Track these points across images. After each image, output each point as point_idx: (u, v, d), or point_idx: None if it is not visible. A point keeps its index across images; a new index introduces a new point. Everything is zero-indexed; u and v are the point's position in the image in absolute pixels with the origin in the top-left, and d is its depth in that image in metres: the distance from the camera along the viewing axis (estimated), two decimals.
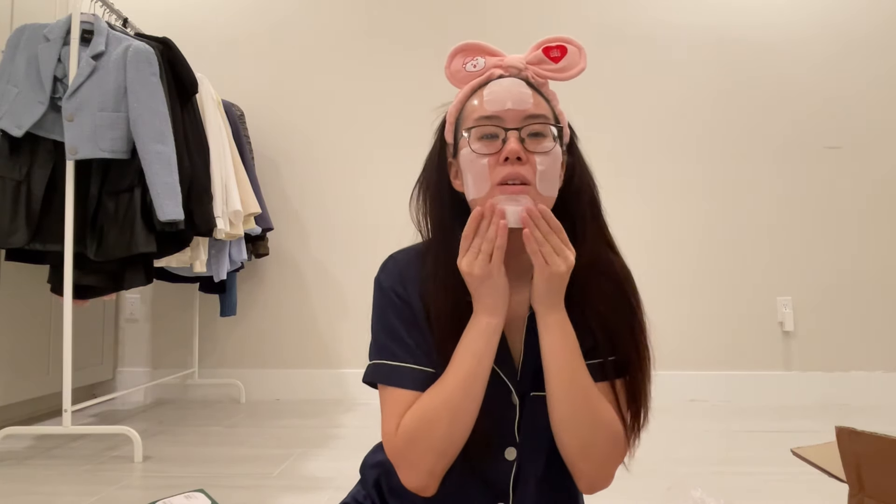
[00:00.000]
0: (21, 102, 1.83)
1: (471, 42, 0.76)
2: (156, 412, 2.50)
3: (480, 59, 0.76)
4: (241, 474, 1.67)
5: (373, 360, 0.76)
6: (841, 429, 0.70)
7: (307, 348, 2.77)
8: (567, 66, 0.75)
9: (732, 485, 1.52)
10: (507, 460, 0.75)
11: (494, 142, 0.70)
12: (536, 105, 0.72)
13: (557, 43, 0.75)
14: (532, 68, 0.75)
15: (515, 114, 0.71)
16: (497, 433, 0.74)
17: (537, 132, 0.71)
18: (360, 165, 2.79)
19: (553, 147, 0.71)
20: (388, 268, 0.79)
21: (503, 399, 0.75)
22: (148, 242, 1.86)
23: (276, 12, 2.91)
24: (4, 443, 1.84)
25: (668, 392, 2.56)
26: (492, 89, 0.73)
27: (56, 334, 2.21)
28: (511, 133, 0.70)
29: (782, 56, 2.72)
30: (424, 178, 0.81)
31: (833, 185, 2.66)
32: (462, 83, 0.77)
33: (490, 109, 0.71)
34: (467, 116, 0.74)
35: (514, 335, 0.76)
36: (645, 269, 2.88)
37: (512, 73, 0.75)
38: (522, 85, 0.73)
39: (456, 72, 0.77)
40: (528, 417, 0.75)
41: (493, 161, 0.70)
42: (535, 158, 0.70)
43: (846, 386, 2.53)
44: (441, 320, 0.73)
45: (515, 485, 0.75)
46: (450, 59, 0.77)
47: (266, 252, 2.70)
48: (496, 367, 0.73)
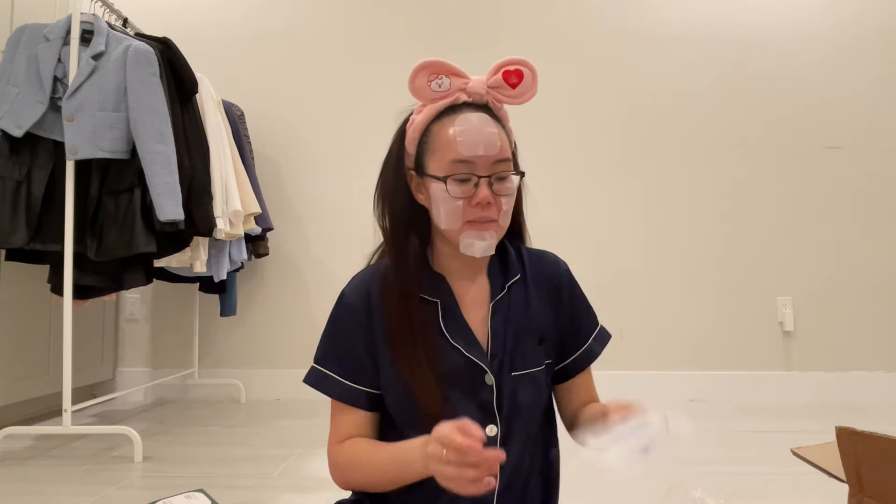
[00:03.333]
0: (21, 102, 1.83)
1: (434, 60, 0.80)
2: (156, 412, 2.50)
3: (445, 79, 0.80)
4: (241, 474, 1.67)
5: (313, 362, 0.86)
6: (841, 429, 0.70)
7: (307, 348, 2.73)
8: (521, 93, 0.83)
9: (732, 485, 1.52)
10: (488, 436, 0.78)
11: (467, 185, 0.78)
12: (502, 147, 0.79)
13: (515, 67, 0.82)
14: (492, 93, 0.82)
15: (485, 159, 0.78)
16: (474, 414, 0.77)
17: (503, 176, 0.79)
18: (360, 165, 2.78)
19: (514, 187, 0.81)
20: (353, 282, 0.87)
21: (478, 381, 0.81)
22: (148, 242, 1.86)
23: (277, 12, 2.91)
24: (4, 443, 1.84)
25: (668, 392, 2.56)
26: (463, 128, 0.78)
27: (56, 334, 2.20)
28: (483, 181, 0.77)
29: (783, 56, 2.72)
30: (382, 184, 0.86)
31: (833, 185, 2.66)
32: (426, 99, 0.82)
33: (464, 153, 0.77)
34: (439, 147, 0.79)
35: (478, 319, 0.83)
36: (645, 269, 2.89)
37: (475, 98, 0.81)
38: (489, 122, 0.79)
39: (421, 88, 0.81)
40: (509, 397, 0.81)
41: (465, 203, 0.78)
42: (501, 201, 0.79)
43: (846, 386, 2.53)
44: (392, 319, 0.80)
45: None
46: (413, 75, 0.81)
47: (266, 252, 2.70)
48: (467, 353, 0.80)
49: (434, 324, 0.81)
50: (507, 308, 0.84)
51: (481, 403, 0.80)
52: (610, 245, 2.70)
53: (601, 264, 2.66)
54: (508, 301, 0.84)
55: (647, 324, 2.64)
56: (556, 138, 2.73)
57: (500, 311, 0.83)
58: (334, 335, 0.85)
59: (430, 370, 0.78)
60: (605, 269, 2.66)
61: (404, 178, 0.84)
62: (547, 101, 2.76)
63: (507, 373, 0.81)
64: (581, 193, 2.73)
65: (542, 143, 2.61)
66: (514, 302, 0.84)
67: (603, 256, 2.68)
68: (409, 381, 0.78)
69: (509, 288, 0.85)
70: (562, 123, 2.74)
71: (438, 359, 0.79)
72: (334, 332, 0.85)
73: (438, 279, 0.84)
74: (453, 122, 0.79)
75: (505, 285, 0.85)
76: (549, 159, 2.69)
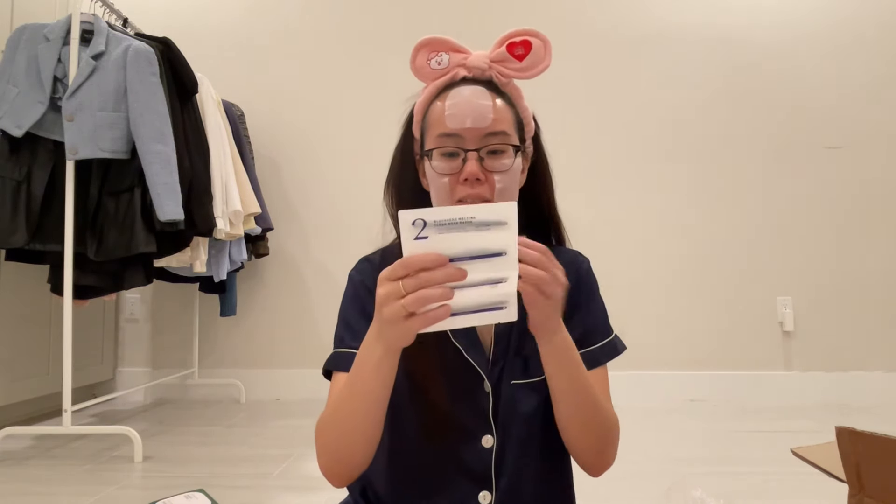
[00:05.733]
0: (21, 102, 1.83)
1: (434, 37, 0.75)
2: (156, 412, 2.50)
3: (445, 55, 0.75)
4: (241, 474, 1.67)
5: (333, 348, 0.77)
6: (841, 429, 0.70)
7: (307, 348, 2.77)
8: (531, 65, 0.75)
9: (732, 485, 1.52)
10: (484, 448, 0.74)
11: (455, 160, 0.71)
12: (497, 119, 0.72)
13: (522, 38, 0.74)
14: (496, 66, 0.75)
15: (475, 132, 0.71)
16: (470, 421, 0.74)
17: (496, 150, 0.71)
18: (360, 165, 2.79)
19: (511, 164, 0.72)
20: (360, 264, 0.82)
21: (475, 387, 0.75)
22: (148, 242, 1.86)
23: (277, 12, 2.91)
24: (4, 443, 1.84)
25: (668, 392, 2.56)
26: (453, 101, 0.72)
27: (56, 334, 2.20)
28: (470, 154, 0.70)
29: (783, 56, 2.72)
30: (391, 173, 0.81)
31: (833, 186, 2.66)
32: (427, 79, 0.77)
33: (450, 126, 0.71)
34: (432, 123, 0.74)
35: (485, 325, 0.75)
36: (645, 269, 2.88)
37: (476, 73, 0.75)
38: (483, 94, 0.72)
39: (421, 67, 0.76)
40: (507, 406, 0.75)
41: (454, 180, 0.71)
42: (493, 177, 0.71)
43: (846, 386, 2.53)
44: None
45: (498, 473, 0.75)
46: (414, 54, 0.76)
47: (266, 252, 2.70)
48: (466, 355, 0.74)
49: None
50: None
51: (477, 410, 0.75)
52: (610, 245, 2.70)
53: (601, 264, 2.64)
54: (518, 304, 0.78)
55: (647, 324, 2.64)
56: (556, 138, 2.72)
57: None
58: (347, 314, 0.78)
59: (428, 367, 0.72)
60: (604, 269, 2.63)
61: (412, 164, 0.79)
62: (550, 101, 2.76)
63: (506, 381, 0.75)
64: (581, 193, 2.72)
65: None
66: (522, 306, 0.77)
67: (603, 256, 2.66)
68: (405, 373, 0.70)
69: None
70: (561, 124, 2.74)
71: (438, 356, 0.73)
72: (347, 311, 0.79)
73: None
74: (447, 96, 0.73)
75: None
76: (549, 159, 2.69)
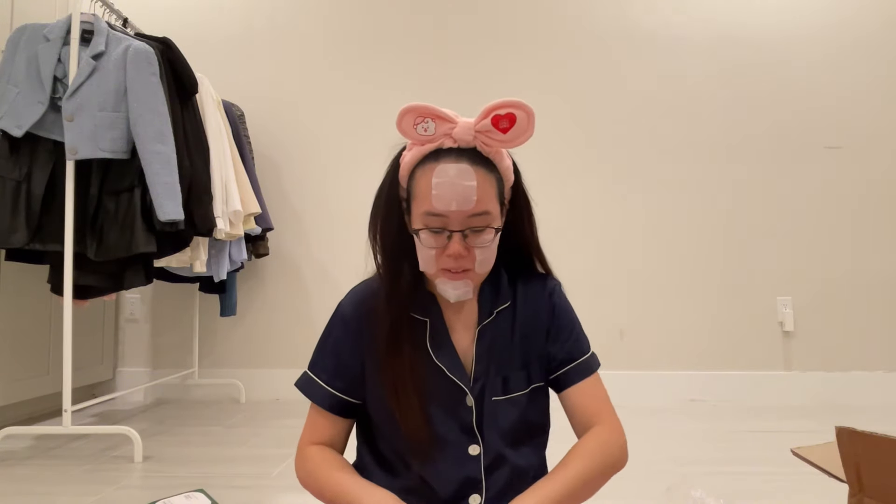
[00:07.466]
0: (21, 102, 1.83)
1: (419, 104, 0.78)
2: (156, 412, 2.50)
3: (431, 122, 0.78)
4: (240, 474, 1.67)
5: (307, 368, 0.89)
6: (841, 429, 0.70)
7: (307, 348, 2.73)
8: (514, 137, 0.78)
9: (732, 485, 1.52)
10: (472, 456, 0.83)
11: (440, 236, 0.78)
12: (480, 200, 0.77)
13: (507, 111, 0.77)
14: (480, 137, 0.78)
15: (460, 214, 0.76)
16: (457, 433, 0.83)
17: (479, 229, 0.77)
18: (360, 165, 2.79)
19: (492, 240, 0.79)
20: (350, 294, 0.90)
21: (459, 401, 0.83)
22: (148, 242, 1.86)
23: (277, 12, 2.91)
24: (4, 443, 1.84)
25: (668, 392, 2.56)
26: (440, 180, 0.76)
27: (56, 334, 2.21)
28: (456, 235, 0.77)
29: (782, 56, 2.72)
30: (376, 214, 0.86)
31: (833, 185, 2.66)
32: (413, 141, 0.81)
33: (437, 207, 0.76)
34: (418, 194, 0.79)
35: (465, 342, 0.85)
36: (645, 269, 2.88)
37: (462, 144, 0.79)
38: (468, 174, 0.76)
39: (407, 130, 0.79)
40: (490, 418, 0.83)
41: (439, 252, 0.78)
42: (475, 251, 0.78)
43: (846, 386, 2.53)
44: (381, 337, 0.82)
45: (487, 478, 0.83)
46: (400, 118, 0.78)
47: (266, 252, 2.70)
48: (449, 374, 0.83)
49: (421, 343, 0.84)
50: (493, 334, 0.85)
51: (462, 423, 0.83)
52: (610, 245, 2.70)
53: (601, 264, 2.66)
54: (495, 327, 0.86)
55: (647, 324, 2.64)
56: (556, 138, 2.73)
57: (485, 336, 0.85)
58: (326, 344, 0.89)
59: (413, 390, 0.80)
60: (605, 269, 2.66)
61: (398, 207, 0.84)
62: (549, 100, 2.76)
63: (488, 397, 0.83)
64: (581, 193, 2.73)
65: (542, 143, 2.61)
66: (500, 328, 0.86)
67: (603, 256, 2.68)
68: (391, 398, 0.80)
69: (497, 314, 0.86)
70: (562, 123, 2.74)
71: (423, 377, 0.81)
72: (326, 342, 0.89)
73: (430, 300, 0.86)
74: (433, 170, 0.77)
75: (493, 311, 0.86)
76: (549, 158, 2.69)
